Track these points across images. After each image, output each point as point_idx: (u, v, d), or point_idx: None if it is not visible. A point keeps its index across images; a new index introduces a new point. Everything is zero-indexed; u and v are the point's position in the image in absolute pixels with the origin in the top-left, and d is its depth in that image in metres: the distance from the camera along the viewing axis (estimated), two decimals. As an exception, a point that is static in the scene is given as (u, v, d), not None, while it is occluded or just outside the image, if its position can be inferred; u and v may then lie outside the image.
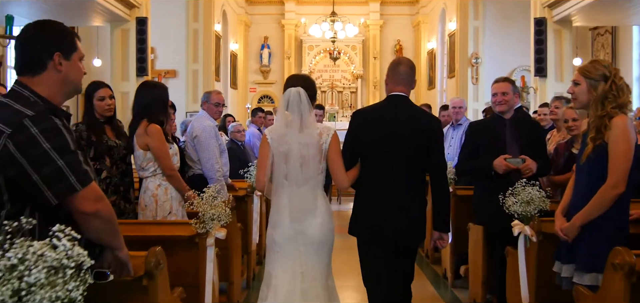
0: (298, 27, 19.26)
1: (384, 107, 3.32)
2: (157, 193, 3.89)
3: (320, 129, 3.13)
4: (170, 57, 14.41)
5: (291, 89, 3.05)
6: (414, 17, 19.26)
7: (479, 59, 14.15)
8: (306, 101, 3.04)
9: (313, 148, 3.05)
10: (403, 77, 3.25)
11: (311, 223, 3.05)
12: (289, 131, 3.06)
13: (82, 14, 9.86)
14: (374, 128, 3.20)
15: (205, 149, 4.84)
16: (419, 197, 3.22)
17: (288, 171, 3.06)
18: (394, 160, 3.12)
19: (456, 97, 6.49)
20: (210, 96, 5.11)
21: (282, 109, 3.12)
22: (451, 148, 6.23)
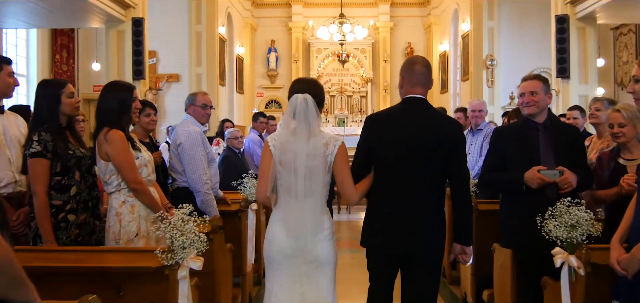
0: (306, 30, 18.66)
1: (401, 110, 3.02)
2: (121, 211, 3.26)
3: (326, 139, 2.84)
4: (172, 61, 13.89)
5: (298, 96, 2.81)
6: (425, 18, 18.58)
7: (494, 61, 13.44)
8: (313, 108, 2.80)
9: (318, 159, 2.79)
10: (420, 77, 2.99)
11: (313, 240, 2.80)
12: (294, 140, 2.80)
13: (76, 16, 9.32)
14: (389, 133, 2.93)
15: (191, 158, 4.23)
16: (437, 208, 2.98)
17: (291, 182, 2.79)
18: (412, 168, 2.88)
19: (475, 100, 5.80)
20: (195, 98, 4.49)
21: (288, 117, 2.86)
22: (470, 155, 5.55)
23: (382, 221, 2.95)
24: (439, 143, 2.90)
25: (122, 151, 3.23)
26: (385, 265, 3.00)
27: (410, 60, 3.14)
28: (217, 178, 4.53)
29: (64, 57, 12.97)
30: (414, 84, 2.99)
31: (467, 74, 14.40)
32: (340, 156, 2.83)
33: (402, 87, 3.05)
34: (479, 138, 5.49)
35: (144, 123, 4.48)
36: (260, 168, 2.97)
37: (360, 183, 2.94)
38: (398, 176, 2.90)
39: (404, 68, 3.05)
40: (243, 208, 4.82)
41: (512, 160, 3.51)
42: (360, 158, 3.01)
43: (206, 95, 4.60)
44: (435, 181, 2.95)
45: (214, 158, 4.48)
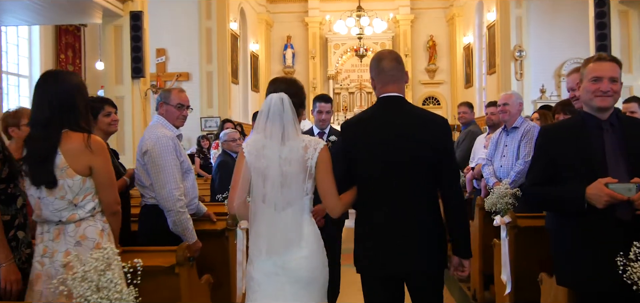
0: (322, 24, 17.77)
1: (375, 113, 2.74)
2: (101, 242, 2.53)
3: (305, 142, 2.57)
4: (182, 58, 13.17)
5: (273, 95, 2.58)
6: (448, 10, 17.51)
7: (523, 52, 12.36)
8: (290, 109, 2.56)
9: (296, 164, 2.54)
10: (391, 73, 2.69)
11: (295, 256, 2.52)
12: (268, 144, 2.54)
13: (71, 11, 8.62)
14: (366, 139, 2.67)
15: (159, 169, 3.39)
16: (430, 217, 2.62)
17: (266, 191, 2.53)
18: (394, 176, 2.58)
19: (503, 93, 4.83)
20: (169, 95, 3.65)
21: (262, 118, 2.58)
22: (505, 158, 4.60)
23: (369, 238, 2.64)
24: (420, 148, 2.58)
25: (110, 163, 2.65)
26: (380, 289, 2.66)
27: (376, 56, 2.80)
28: (194, 192, 3.69)
29: (69, 56, 12.33)
30: (385, 82, 2.68)
31: (493, 67, 13.34)
32: (323, 162, 2.55)
33: (375, 89, 2.75)
34: (515, 138, 4.53)
35: (103, 125, 3.65)
36: (233, 177, 2.66)
37: (346, 194, 2.66)
38: (380, 187, 2.60)
39: (371, 67, 2.76)
40: (230, 227, 3.97)
41: (567, 169, 2.58)
42: (340, 169, 2.67)
43: (183, 92, 3.75)
44: (423, 187, 2.61)
45: (189, 168, 3.62)
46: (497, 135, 4.78)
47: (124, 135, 8.36)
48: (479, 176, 5.20)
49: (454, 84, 17.41)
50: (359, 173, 2.66)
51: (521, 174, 4.39)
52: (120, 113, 8.45)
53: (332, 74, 17.69)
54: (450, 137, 2.77)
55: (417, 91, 17.72)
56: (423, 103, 17.78)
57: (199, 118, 12.98)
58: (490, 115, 5.44)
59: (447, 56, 17.66)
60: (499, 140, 4.73)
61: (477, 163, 5.31)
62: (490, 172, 4.69)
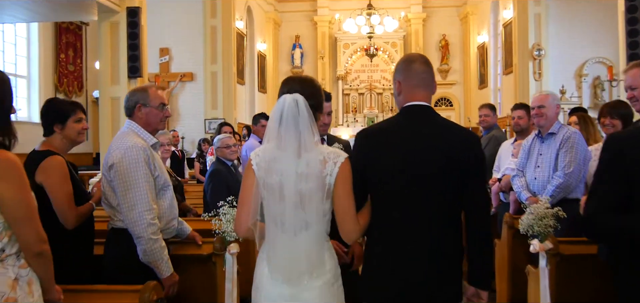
0: (332, 23, 17.11)
1: (400, 124, 2.34)
2: (14, 295, 1.91)
3: (324, 155, 2.18)
4: (186, 58, 12.60)
5: (286, 97, 2.16)
6: (461, 8, 16.76)
7: (541, 50, 11.59)
8: (306, 113, 2.14)
9: (313, 181, 2.14)
10: (421, 77, 2.32)
11: (309, 286, 2.17)
12: (282, 156, 2.16)
13: (66, 7, 8.04)
14: (386, 153, 2.27)
15: (129, 187, 2.76)
16: (453, 242, 2.26)
17: (278, 212, 2.17)
18: (419, 193, 2.21)
19: (537, 93, 4.12)
20: (147, 95, 2.99)
21: (273, 125, 2.18)
22: (540, 169, 3.90)
23: (386, 263, 2.26)
24: (450, 165, 2.21)
25: (24, 189, 1.95)
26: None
27: (406, 58, 2.46)
28: (173, 212, 3.04)
29: (69, 56, 11.81)
30: (414, 86, 2.31)
31: (510, 67, 12.59)
32: (343, 178, 2.16)
33: (400, 94, 2.36)
34: (551, 145, 3.83)
35: (72, 132, 3.00)
36: (240, 192, 2.28)
37: (361, 215, 2.26)
38: (401, 205, 2.23)
39: (400, 69, 2.38)
40: (218, 251, 3.32)
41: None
42: (356, 182, 2.23)
43: (160, 90, 3.12)
44: (449, 208, 2.25)
45: (166, 184, 2.97)
46: (530, 142, 4.09)
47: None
48: (507, 189, 4.52)
49: (467, 85, 16.66)
50: (377, 189, 2.28)
51: (561, 188, 3.71)
52: (115, 115, 7.90)
53: (341, 75, 17.04)
54: (483, 157, 2.40)
55: None
56: (435, 105, 17.06)
57: (203, 120, 12.39)
58: (518, 119, 4.74)
59: (460, 55, 16.93)
60: (532, 148, 4.04)
61: (504, 173, 4.62)
62: (523, 185, 4.00)
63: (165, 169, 3.02)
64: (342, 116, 17.04)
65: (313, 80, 2.31)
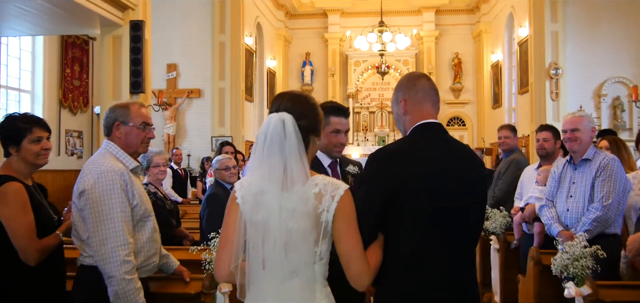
0: (343, 41, 16.78)
1: (418, 144, 2.00)
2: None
3: (320, 187, 1.79)
4: (194, 75, 12.30)
5: (272, 116, 1.81)
6: (475, 26, 16.37)
7: (559, 69, 11.14)
8: (294, 137, 1.77)
9: (305, 219, 1.77)
10: (428, 92, 2.09)
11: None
12: (266, 188, 1.79)
13: (67, 21, 7.75)
14: (415, 179, 1.91)
15: (101, 218, 2.38)
16: (475, 282, 2.06)
17: (264, 254, 1.79)
18: (446, 229, 1.93)
19: (570, 114, 3.66)
20: (128, 112, 2.61)
21: (257, 150, 1.80)
22: (573, 199, 3.45)
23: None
24: (476, 189, 2.03)
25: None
26: None
27: (409, 75, 2.21)
28: (153, 247, 2.63)
29: (75, 71, 11.54)
30: (422, 101, 2.08)
31: (525, 86, 12.14)
32: (344, 214, 1.80)
33: (406, 114, 2.10)
34: (586, 173, 3.38)
35: (29, 155, 2.61)
36: (222, 230, 1.93)
37: (372, 253, 1.89)
38: (425, 243, 1.92)
39: (403, 86, 2.13)
40: (207, 290, 2.91)
41: None
42: (370, 214, 1.91)
43: (142, 108, 2.72)
44: (472, 243, 2.07)
45: (147, 214, 2.58)
46: (560, 168, 3.64)
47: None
48: (531, 219, 4.07)
49: (480, 104, 16.20)
50: (399, 220, 1.92)
51: (599, 222, 3.25)
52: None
53: (352, 93, 16.68)
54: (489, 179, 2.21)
55: (442, 111, 16.49)
56: (448, 124, 16.62)
57: (210, 137, 12.05)
58: (544, 142, 4.30)
59: (474, 74, 16.49)
60: (563, 175, 3.60)
61: (527, 201, 4.17)
62: (553, 216, 3.54)
63: (146, 197, 2.62)
64: (352, 135, 16.64)
65: (307, 97, 1.94)
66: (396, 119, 2.13)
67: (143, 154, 4.60)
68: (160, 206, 4.43)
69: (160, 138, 12.05)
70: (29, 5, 7.14)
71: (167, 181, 7.91)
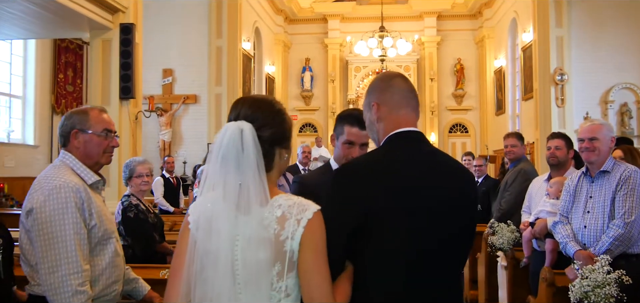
0: (343, 46, 16.48)
1: (395, 156, 1.66)
2: None
3: (284, 209, 1.49)
4: (190, 80, 11.99)
5: (229, 125, 1.52)
6: (477, 31, 16.06)
7: (564, 75, 10.82)
8: (253, 150, 1.49)
9: (265, 248, 1.45)
10: (407, 96, 1.75)
11: None
12: (220, 211, 1.47)
13: (56, 24, 7.45)
14: (393, 198, 1.57)
15: (51, 241, 2.05)
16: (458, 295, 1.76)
17: (217, 289, 1.47)
18: (434, 255, 1.60)
19: (588, 122, 3.32)
20: (86, 119, 2.28)
21: (212, 164, 1.50)
22: (590, 215, 3.09)
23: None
24: (464, 212, 1.68)
25: None
26: None
27: (382, 76, 1.84)
28: (114, 274, 2.29)
29: (69, 76, 11.26)
30: (399, 106, 1.73)
31: (529, 92, 11.82)
32: (312, 243, 1.46)
33: (381, 120, 1.74)
34: (605, 186, 3.04)
35: None
36: (172, 258, 1.64)
37: (340, 288, 1.54)
38: (409, 272, 1.57)
39: (376, 88, 1.78)
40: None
41: None
42: (335, 245, 1.53)
43: (105, 113, 2.39)
44: (456, 273, 1.70)
45: (107, 235, 2.24)
46: (575, 181, 3.30)
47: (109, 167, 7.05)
48: (542, 236, 3.72)
49: (483, 111, 15.86)
50: (374, 246, 1.58)
51: (621, 241, 2.91)
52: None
53: (352, 99, 16.35)
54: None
55: (444, 117, 16.21)
56: (450, 131, 16.29)
57: (207, 144, 11.72)
58: (555, 150, 3.95)
59: (476, 80, 16.17)
60: (579, 189, 3.25)
61: (538, 216, 3.82)
62: (569, 234, 3.20)
63: (107, 215, 2.28)
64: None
65: (272, 102, 1.63)
66: (368, 127, 1.80)
67: (125, 164, 4.30)
68: (143, 219, 4.12)
69: (155, 145, 11.75)
70: (16, 8, 6.85)
71: (159, 190, 7.60)
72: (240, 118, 1.53)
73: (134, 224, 4.05)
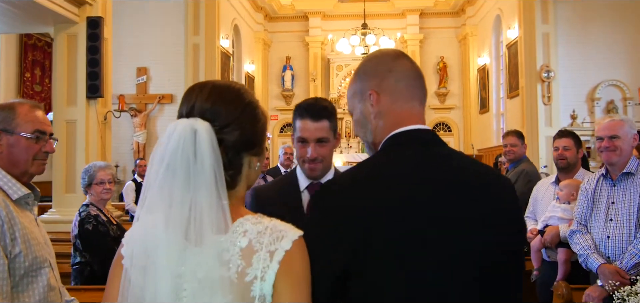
0: (325, 44, 16.04)
1: (407, 166, 1.20)
2: None
3: (250, 238, 1.08)
4: (165, 79, 11.41)
5: (178, 123, 1.11)
6: (460, 29, 15.77)
7: (551, 72, 10.53)
8: (210, 158, 1.07)
9: (222, 292, 1.04)
10: (417, 83, 1.32)
11: None
12: (162, 240, 1.05)
13: (17, 18, 6.84)
14: (407, 222, 1.12)
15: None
16: None
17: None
18: (457, 288, 1.12)
19: (607, 118, 2.91)
20: (13, 116, 1.77)
21: (151, 177, 1.08)
22: (613, 223, 2.69)
23: None
24: (498, 232, 1.18)
25: None
26: None
27: (381, 55, 1.35)
28: None
29: (36, 75, 10.61)
30: (404, 97, 1.28)
31: (515, 90, 11.54)
32: (292, 283, 1.07)
33: (379, 117, 1.29)
34: (629, 190, 2.65)
35: None
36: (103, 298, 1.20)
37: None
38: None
39: (374, 72, 1.31)
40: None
41: None
42: (322, 290, 1.10)
43: (38, 109, 1.90)
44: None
45: (38, 264, 1.75)
46: (593, 184, 2.89)
47: (76, 171, 6.51)
48: (553, 244, 3.32)
49: (467, 109, 15.57)
50: (372, 300, 1.12)
51: (653, 255, 2.51)
52: (71, 141, 6.66)
53: (334, 98, 15.91)
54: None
55: (427, 116, 15.34)
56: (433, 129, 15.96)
57: (184, 146, 11.17)
58: (564, 151, 3.56)
59: (459, 78, 15.87)
60: (598, 193, 2.85)
61: (547, 222, 3.42)
62: (590, 246, 2.79)
63: (39, 239, 1.79)
64: (335, 142, 15.89)
65: (241, 92, 1.18)
66: (359, 124, 1.34)
67: (84, 169, 3.78)
68: (103, 232, 3.61)
69: (129, 147, 11.15)
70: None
71: (130, 195, 7.07)
72: (195, 113, 1.11)
73: (93, 237, 3.55)
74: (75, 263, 3.62)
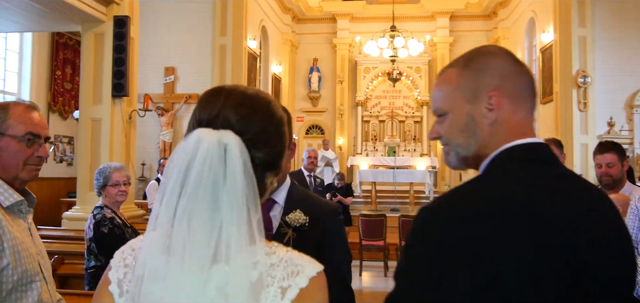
0: (352, 47, 15.80)
1: (537, 189, 0.96)
2: None
3: (260, 271, 0.89)
4: (192, 79, 11.35)
5: (203, 136, 0.90)
6: (491, 32, 15.32)
7: (587, 77, 10.07)
8: (243, 178, 0.88)
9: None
10: (533, 90, 1.14)
11: None
12: (174, 267, 0.87)
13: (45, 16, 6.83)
14: (548, 255, 0.91)
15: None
16: None
17: None
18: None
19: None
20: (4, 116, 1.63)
21: (168, 195, 0.88)
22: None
23: None
24: (624, 258, 1.03)
25: None
26: None
27: (503, 52, 1.14)
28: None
29: (67, 73, 10.67)
30: (524, 105, 1.11)
31: (549, 95, 11.09)
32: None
33: (495, 124, 1.07)
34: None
35: None
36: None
37: None
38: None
39: (498, 69, 1.09)
40: None
41: None
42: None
43: (34, 110, 1.74)
44: None
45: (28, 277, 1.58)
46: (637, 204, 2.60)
47: (96, 168, 6.43)
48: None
49: (497, 115, 15.11)
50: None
51: None
52: (96, 139, 6.60)
53: (361, 100, 15.68)
54: None
55: None
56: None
57: (209, 146, 11.10)
58: (607, 168, 3.24)
59: (490, 83, 15.40)
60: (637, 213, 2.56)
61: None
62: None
63: (31, 250, 1.63)
64: (360, 144, 15.64)
65: (271, 105, 1.01)
66: (461, 129, 1.10)
67: (99, 170, 3.65)
68: (119, 235, 3.48)
69: (155, 146, 11.14)
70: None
71: (153, 194, 6.97)
72: (220, 124, 0.92)
73: (109, 241, 3.41)
74: (89, 267, 3.49)
